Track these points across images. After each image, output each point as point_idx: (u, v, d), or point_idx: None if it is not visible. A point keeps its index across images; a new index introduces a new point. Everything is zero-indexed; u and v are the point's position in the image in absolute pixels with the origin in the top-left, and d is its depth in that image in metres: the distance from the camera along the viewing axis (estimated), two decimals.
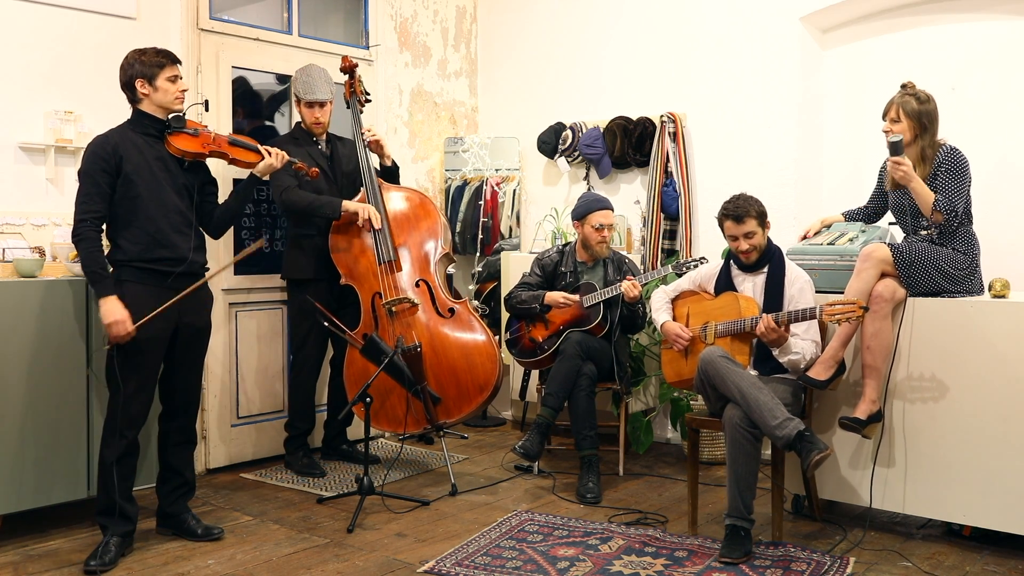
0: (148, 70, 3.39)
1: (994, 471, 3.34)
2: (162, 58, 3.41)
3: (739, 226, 3.61)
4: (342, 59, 4.65)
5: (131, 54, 3.44)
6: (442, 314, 4.43)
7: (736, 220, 3.61)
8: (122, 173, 3.34)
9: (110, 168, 3.32)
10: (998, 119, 4.33)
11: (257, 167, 3.66)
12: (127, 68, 3.42)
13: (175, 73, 3.44)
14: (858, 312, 3.27)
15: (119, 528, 3.36)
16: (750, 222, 3.60)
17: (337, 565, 3.33)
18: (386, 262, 4.41)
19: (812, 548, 3.44)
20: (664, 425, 5.18)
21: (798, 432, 3.25)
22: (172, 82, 3.43)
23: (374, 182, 4.49)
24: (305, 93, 4.41)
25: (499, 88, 6.00)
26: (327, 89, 4.44)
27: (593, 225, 4.40)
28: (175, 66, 3.45)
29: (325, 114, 4.46)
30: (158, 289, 3.38)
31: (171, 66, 3.43)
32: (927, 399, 3.48)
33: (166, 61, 3.42)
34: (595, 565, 3.29)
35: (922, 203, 3.47)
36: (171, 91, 3.43)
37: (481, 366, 4.36)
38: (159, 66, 3.40)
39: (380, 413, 4.28)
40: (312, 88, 4.41)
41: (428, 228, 4.56)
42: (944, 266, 3.44)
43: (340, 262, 4.43)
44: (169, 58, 3.44)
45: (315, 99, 4.41)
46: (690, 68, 5.15)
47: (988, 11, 4.46)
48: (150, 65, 3.39)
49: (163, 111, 3.45)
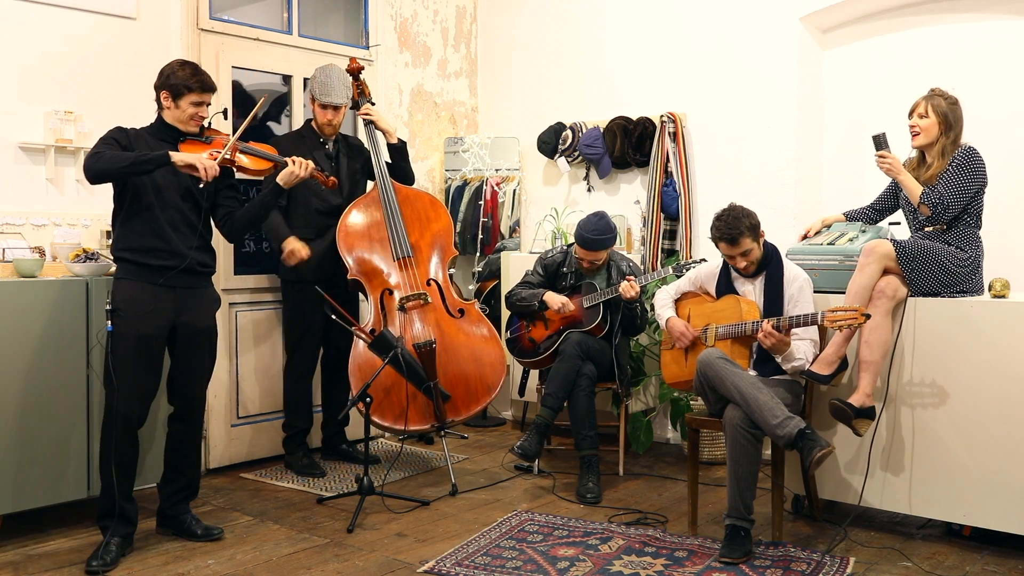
0: (177, 87, 3.41)
1: (994, 471, 3.34)
2: (195, 82, 3.41)
3: (734, 247, 3.60)
4: (349, 60, 4.65)
5: (174, 64, 3.47)
6: (453, 314, 4.43)
7: (730, 243, 3.59)
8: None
9: (122, 147, 3.38)
10: (998, 119, 4.33)
11: (280, 175, 3.62)
12: (161, 76, 3.46)
13: (201, 100, 3.45)
14: (860, 319, 3.27)
15: (119, 529, 3.36)
16: (744, 242, 3.58)
17: (337, 565, 3.33)
18: (401, 258, 4.41)
19: (812, 548, 3.44)
20: (664, 425, 5.18)
21: (799, 430, 3.25)
22: (195, 106, 3.44)
23: (387, 181, 4.50)
24: (322, 94, 4.40)
25: (499, 88, 6.00)
26: (344, 93, 4.44)
27: (577, 255, 4.42)
28: (205, 94, 3.45)
29: (338, 116, 4.46)
30: (152, 286, 3.38)
31: (200, 94, 3.43)
32: (927, 399, 3.49)
33: (196, 87, 3.41)
34: (595, 565, 3.29)
35: (910, 196, 3.55)
36: (188, 113, 3.44)
37: (490, 367, 4.38)
38: (188, 89, 3.41)
39: (384, 407, 4.24)
40: (329, 90, 4.40)
41: (440, 230, 4.59)
42: (946, 261, 3.46)
43: (352, 256, 4.41)
44: (201, 86, 3.43)
45: (330, 102, 4.40)
46: (690, 68, 5.15)
47: (988, 11, 4.46)
48: (181, 84, 3.40)
49: (181, 125, 3.48)
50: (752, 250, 3.61)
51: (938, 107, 3.55)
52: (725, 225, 3.58)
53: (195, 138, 3.52)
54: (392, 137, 4.62)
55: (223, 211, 3.61)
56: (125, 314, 3.34)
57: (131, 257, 3.39)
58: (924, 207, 3.50)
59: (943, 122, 3.54)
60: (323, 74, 4.43)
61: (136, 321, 3.34)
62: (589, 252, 4.34)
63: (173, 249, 3.40)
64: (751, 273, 3.68)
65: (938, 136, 3.56)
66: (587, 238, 4.31)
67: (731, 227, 3.57)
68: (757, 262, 3.65)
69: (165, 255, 3.39)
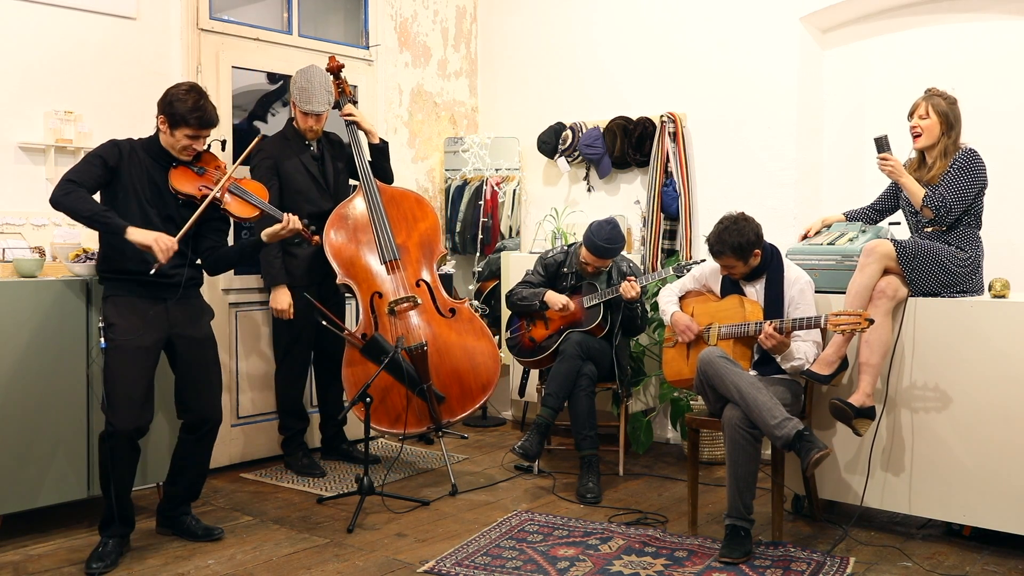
0: (174, 117, 3.33)
1: (994, 471, 3.34)
2: (193, 118, 3.32)
3: (717, 259, 3.65)
4: (328, 59, 4.61)
5: (179, 89, 3.36)
6: (443, 314, 4.42)
7: (713, 255, 3.65)
8: (116, 181, 3.34)
9: (108, 167, 3.32)
10: (998, 119, 4.33)
11: (265, 234, 3.52)
12: (165, 98, 3.36)
13: (198, 135, 3.38)
14: (863, 324, 3.27)
15: (118, 530, 3.36)
16: (726, 259, 3.60)
17: (337, 565, 3.33)
18: (389, 261, 4.40)
19: (812, 548, 3.44)
20: (664, 425, 5.18)
21: (797, 432, 3.25)
22: (189, 139, 3.37)
23: (371, 182, 4.49)
24: (303, 103, 4.35)
25: (499, 88, 6.00)
26: (326, 99, 4.39)
27: (583, 258, 4.40)
28: (202, 130, 3.37)
29: (320, 122, 4.43)
30: (142, 300, 3.35)
31: (197, 129, 3.35)
32: (927, 399, 3.49)
33: (194, 123, 3.32)
34: (595, 565, 3.29)
35: (913, 199, 3.55)
36: (181, 144, 3.38)
37: (484, 365, 4.36)
38: (184, 123, 3.32)
39: (380, 411, 4.26)
40: (310, 98, 4.34)
41: (427, 229, 4.56)
42: (946, 261, 3.46)
43: (339, 261, 4.41)
44: (199, 122, 3.34)
45: (312, 111, 4.36)
46: (690, 68, 5.15)
47: (988, 11, 4.47)
48: (179, 115, 3.32)
49: (173, 152, 3.42)
50: (736, 267, 3.62)
51: (938, 107, 3.55)
52: (715, 237, 3.61)
53: (188, 165, 3.45)
54: (374, 137, 4.60)
55: (207, 244, 3.54)
56: (119, 327, 3.30)
57: (115, 278, 3.37)
58: (927, 210, 3.50)
59: (944, 122, 3.55)
60: (304, 79, 4.36)
61: (131, 334, 3.30)
62: (598, 259, 4.33)
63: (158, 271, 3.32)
64: (745, 277, 3.69)
65: (940, 136, 3.56)
66: (599, 246, 4.27)
67: (718, 241, 3.59)
68: (744, 275, 3.67)
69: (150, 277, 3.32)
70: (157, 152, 3.43)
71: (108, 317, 3.35)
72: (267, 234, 3.54)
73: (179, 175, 3.43)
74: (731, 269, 3.65)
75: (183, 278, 3.42)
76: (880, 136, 3.56)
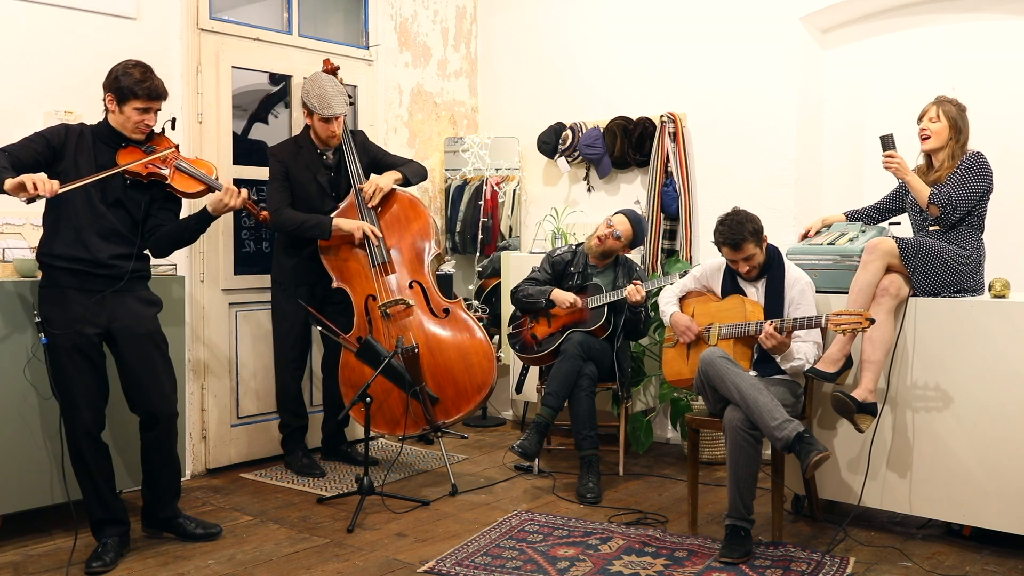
0: (122, 91, 3.27)
1: (994, 471, 3.34)
2: (142, 89, 3.26)
3: (737, 252, 3.60)
4: (324, 63, 4.60)
5: (122, 65, 3.31)
6: (437, 314, 4.42)
7: (733, 248, 3.59)
8: (59, 163, 3.27)
9: (51, 146, 3.26)
10: (998, 119, 4.33)
11: (209, 202, 3.48)
12: (110, 76, 3.31)
13: (148, 107, 3.31)
14: (864, 324, 3.26)
15: (113, 529, 3.36)
16: (747, 247, 3.57)
17: (337, 565, 3.33)
18: (379, 264, 4.39)
19: (812, 548, 3.44)
20: (664, 425, 5.18)
21: (797, 434, 3.25)
22: (140, 113, 3.31)
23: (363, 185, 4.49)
24: (322, 108, 4.32)
25: (499, 88, 6.00)
26: (343, 101, 4.39)
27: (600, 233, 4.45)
28: (152, 102, 3.31)
29: (339, 125, 4.42)
30: (77, 292, 3.28)
31: (146, 101, 3.29)
32: (928, 399, 3.49)
33: (142, 94, 3.27)
34: (595, 565, 3.29)
35: (918, 197, 3.55)
36: (132, 120, 3.31)
37: (478, 365, 4.35)
38: (133, 95, 3.26)
39: (378, 415, 4.27)
40: (329, 103, 4.32)
41: (419, 229, 4.53)
42: (948, 258, 3.46)
43: (332, 265, 4.41)
44: (148, 93, 3.28)
45: (333, 114, 4.34)
46: (690, 68, 5.15)
47: (988, 11, 4.47)
48: (126, 88, 3.26)
49: (125, 132, 3.36)
50: (755, 255, 3.60)
51: (948, 112, 3.58)
52: (728, 230, 3.57)
53: (137, 145, 3.39)
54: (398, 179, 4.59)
55: (152, 223, 3.45)
56: (55, 325, 3.25)
57: (53, 263, 3.29)
58: (933, 207, 3.50)
59: (953, 127, 3.58)
60: (317, 87, 4.35)
61: (68, 331, 3.25)
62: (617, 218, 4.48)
63: (97, 259, 3.27)
64: (753, 277, 3.68)
65: (948, 140, 3.59)
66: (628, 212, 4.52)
67: (734, 232, 3.56)
68: (760, 267, 3.65)
69: (89, 264, 3.27)
70: (107, 135, 3.37)
71: (43, 311, 3.28)
72: (211, 206, 3.50)
73: (127, 153, 3.37)
74: (749, 260, 3.60)
75: (125, 271, 3.34)
76: (886, 135, 3.56)
